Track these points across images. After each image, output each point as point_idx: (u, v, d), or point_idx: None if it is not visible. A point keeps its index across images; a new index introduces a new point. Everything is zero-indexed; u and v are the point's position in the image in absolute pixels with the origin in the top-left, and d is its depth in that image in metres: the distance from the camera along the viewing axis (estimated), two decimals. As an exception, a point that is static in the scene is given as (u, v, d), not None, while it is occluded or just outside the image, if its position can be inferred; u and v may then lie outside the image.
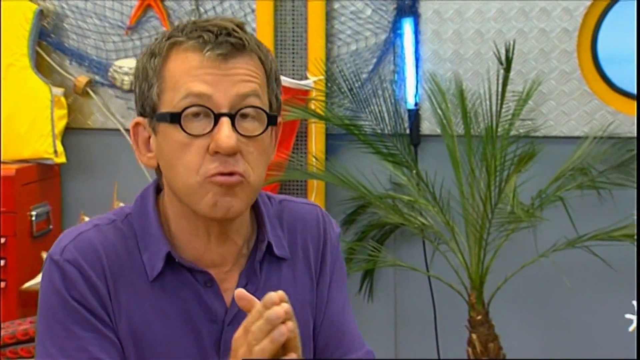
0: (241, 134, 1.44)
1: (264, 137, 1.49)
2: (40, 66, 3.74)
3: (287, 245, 1.62)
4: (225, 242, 1.53)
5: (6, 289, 3.44)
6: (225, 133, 1.41)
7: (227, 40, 1.42)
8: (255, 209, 1.58)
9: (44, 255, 3.45)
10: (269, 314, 1.28)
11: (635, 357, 0.86)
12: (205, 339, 1.51)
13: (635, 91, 3.48)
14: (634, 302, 1.58)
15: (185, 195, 1.47)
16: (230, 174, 1.44)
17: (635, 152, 3.37)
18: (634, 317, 1.55)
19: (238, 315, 1.48)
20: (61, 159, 3.69)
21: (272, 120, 1.50)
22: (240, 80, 1.43)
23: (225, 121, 1.42)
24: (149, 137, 1.49)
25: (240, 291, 1.33)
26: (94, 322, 1.47)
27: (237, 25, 1.45)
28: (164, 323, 1.49)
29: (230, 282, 1.53)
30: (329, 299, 1.65)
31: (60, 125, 3.70)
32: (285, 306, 1.29)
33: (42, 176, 3.70)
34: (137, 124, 1.51)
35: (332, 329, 1.65)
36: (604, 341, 1.78)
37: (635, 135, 3.37)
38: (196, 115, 1.42)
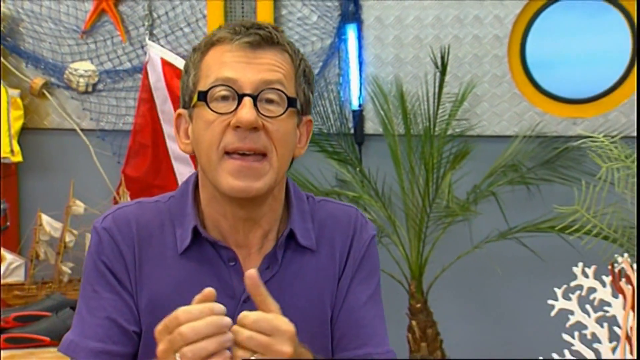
0: (262, 114, 1.50)
1: (288, 121, 1.55)
2: None
3: (314, 237, 1.66)
4: (252, 225, 1.59)
5: None
6: (246, 109, 1.49)
7: (257, 32, 1.52)
8: (287, 200, 1.65)
9: (3, 251, 3.55)
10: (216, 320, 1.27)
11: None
12: None
13: (561, 94, 3.60)
14: (556, 289, 1.57)
15: (208, 172, 1.55)
16: (248, 153, 1.51)
17: (560, 149, 3.46)
18: (556, 302, 1.56)
19: None
20: (18, 158, 3.70)
21: (292, 103, 1.55)
22: (266, 69, 1.52)
23: (247, 100, 1.49)
24: (188, 127, 1.59)
25: (252, 272, 1.33)
26: (116, 286, 1.57)
27: (273, 27, 1.55)
28: (183, 295, 1.45)
29: (253, 262, 1.59)
30: (349, 292, 1.67)
31: (17, 125, 3.72)
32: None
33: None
34: (179, 115, 1.61)
35: (349, 321, 1.67)
36: (532, 324, 1.91)
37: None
38: (225, 98, 1.50)
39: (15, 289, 3.43)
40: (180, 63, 3.58)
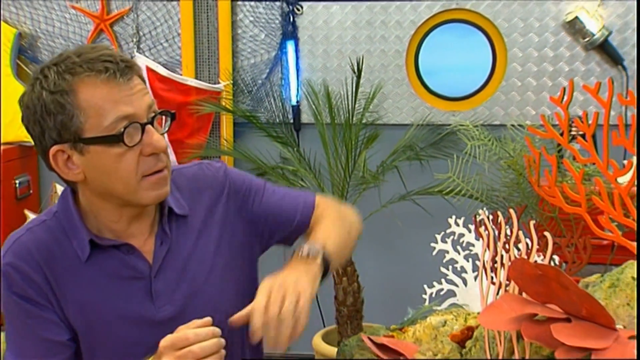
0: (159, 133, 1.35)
1: None
2: (20, 74, 3.69)
3: (187, 204, 1.48)
4: (141, 218, 1.43)
5: None
6: (156, 136, 1.33)
7: (125, 66, 1.31)
8: None
9: (27, 212, 3.54)
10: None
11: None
12: (138, 293, 1.41)
13: (443, 93, 3.61)
14: (437, 235, 1.64)
15: (126, 194, 1.35)
16: (162, 170, 1.36)
17: (443, 134, 3.45)
18: (436, 245, 1.62)
19: (160, 269, 1.42)
20: None
21: (174, 117, 1.41)
22: (142, 94, 1.34)
23: (150, 128, 1.33)
24: (68, 158, 1.33)
25: (236, 316, 1.27)
26: (35, 310, 1.38)
27: (112, 52, 1.34)
28: (102, 291, 1.39)
29: (149, 245, 1.43)
30: (255, 206, 1.54)
31: None
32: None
33: (23, 154, 3.66)
34: (57, 152, 1.33)
35: (274, 216, 1.55)
36: (422, 261, 1.97)
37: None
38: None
39: (37, 240, 3.40)
40: (160, 69, 3.60)
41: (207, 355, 1.23)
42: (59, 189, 3.46)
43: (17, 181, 3.62)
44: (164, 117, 1.40)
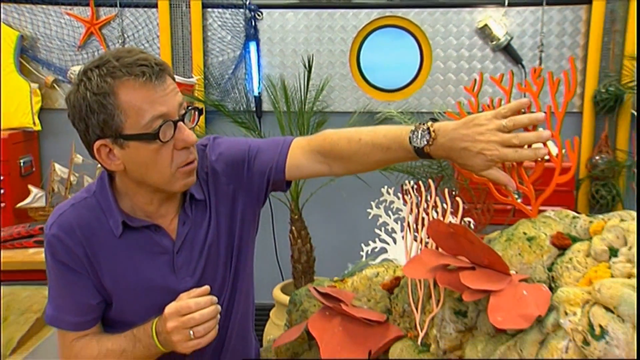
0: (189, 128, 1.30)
1: None
2: (23, 70, 3.66)
3: (207, 188, 1.42)
4: (170, 201, 1.39)
5: (5, 208, 3.43)
6: (187, 132, 1.28)
7: (159, 69, 1.25)
8: None
9: (30, 187, 3.48)
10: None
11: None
12: (163, 266, 1.38)
13: (381, 86, 3.60)
14: (372, 202, 1.62)
15: (161, 184, 1.31)
16: (192, 161, 1.32)
17: (380, 120, 3.42)
18: (372, 210, 1.59)
19: (182, 246, 1.39)
20: (38, 127, 3.65)
21: (201, 112, 1.35)
22: (174, 93, 1.28)
23: (182, 124, 1.28)
24: (110, 151, 1.28)
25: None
26: (73, 276, 1.36)
27: (146, 56, 1.27)
28: (132, 263, 1.37)
29: (174, 225, 1.39)
30: (257, 160, 1.43)
31: (37, 106, 3.66)
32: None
33: (26, 138, 3.64)
34: (101, 146, 1.28)
35: (267, 165, 1.42)
36: (362, 223, 1.98)
37: None
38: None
39: (39, 210, 3.38)
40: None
41: (206, 321, 1.24)
42: (57, 167, 3.43)
43: (21, 161, 3.60)
44: (194, 113, 1.34)
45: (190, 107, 1.32)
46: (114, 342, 1.35)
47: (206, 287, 1.27)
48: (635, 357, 0.83)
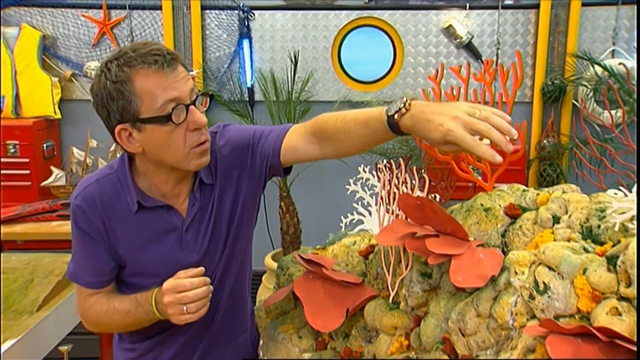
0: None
1: None
2: (45, 66, 3.59)
3: (216, 172, 1.36)
4: (183, 181, 1.35)
5: (31, 186, 3.40)
6: (198, 114, 1.24)
7: (171, 58, 1.21)
8: None
9: (52, 168, 3.46)
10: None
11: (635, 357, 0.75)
12: (172, 242, 1.35)
13: (359, 78, 3.55)
14: (350, 180, 1.56)
15: (176, 163, 1.27)
16: (205, 142, 1.27)
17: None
18: (350, 187, 1.55)
19: (191, 224, 1.35)
20: (58, 116, 3.60)
21: (212, 97, 1.31)
22: (185, 80, 1.23)
23: (193, 108, 1.23)
24: (129, 135, 1.24)
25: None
26: (92, 243, 1.34)
27: (160, 46, 1.24)
28: (145, 237, 1.34)
29: (184, 205, 1.35)
30: (259, 146, 1.37)
31: (57, 98, 3.60)
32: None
33: (48, 125, 3.58)
34: (121, 130, 1.24)
35: (270, 146, 1.36)
36: (342, 199, 1.96)
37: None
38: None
39: (61, 188, 3.36)
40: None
41: (198, 299, 1.22)
42: (75, 151, 3.41)
43: (44, 145, 3.55)
44: (204, 98, 1.30)
45: (201, 93, 1.28)
46: (120, 302, 1.35)
47: (201, 268, 1.25)
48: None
